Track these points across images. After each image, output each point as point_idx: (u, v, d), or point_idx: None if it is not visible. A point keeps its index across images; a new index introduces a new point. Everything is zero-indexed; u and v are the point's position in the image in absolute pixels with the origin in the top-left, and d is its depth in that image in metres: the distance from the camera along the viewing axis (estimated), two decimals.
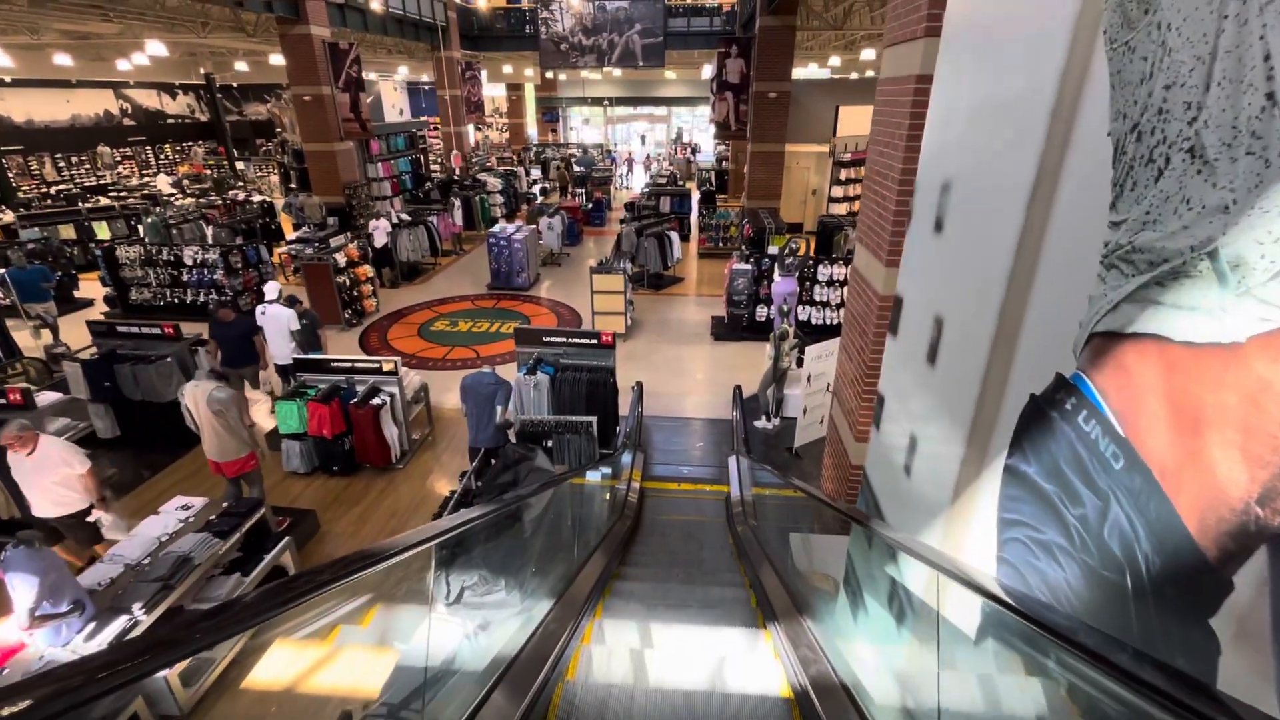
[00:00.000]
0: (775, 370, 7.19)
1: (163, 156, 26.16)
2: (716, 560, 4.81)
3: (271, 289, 7.16)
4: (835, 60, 20.20)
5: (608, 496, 4.93)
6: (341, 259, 10.56)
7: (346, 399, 6.44)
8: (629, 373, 7.98)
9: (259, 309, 7.07)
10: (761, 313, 10.22)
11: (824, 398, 7.02)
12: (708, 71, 24.33)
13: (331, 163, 15.18)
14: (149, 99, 26.31)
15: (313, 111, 14.69)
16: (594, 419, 5.24)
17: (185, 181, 22.15)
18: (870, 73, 23.03)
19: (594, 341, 6.72)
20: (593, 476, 4.79)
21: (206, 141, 28.10)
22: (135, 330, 6.99)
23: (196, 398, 4.77)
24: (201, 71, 24.44)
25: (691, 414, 8.08)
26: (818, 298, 9.91)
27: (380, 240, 12.81)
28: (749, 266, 9.78)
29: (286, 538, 4.98)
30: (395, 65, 26.09)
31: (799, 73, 18.09)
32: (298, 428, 6.42)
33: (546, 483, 3.04)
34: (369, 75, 19.17)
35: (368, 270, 11.22)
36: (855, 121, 17.14)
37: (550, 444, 5.26)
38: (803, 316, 9.93)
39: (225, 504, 4.89)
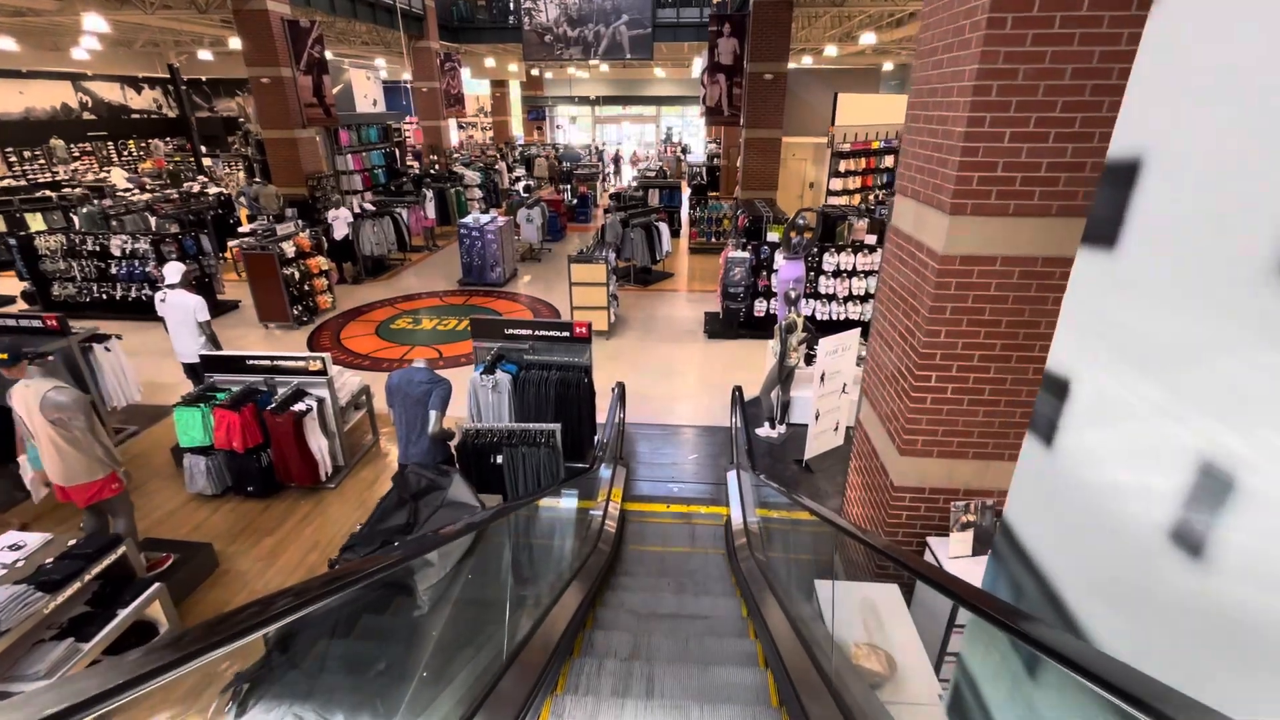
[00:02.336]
0: (781, 369, 6.11)
1: (125, 152, 24.84)
2: (718, 615, 3.69)
3: (172, 271, 6.01)
4: (831, 50, 19.32)
5: (578, 526, 3.83)
6: (290, 249, 9.39)
7: (264, 405, 5.28)
8: (612, 374, 6.87)
9: (158, 296, 5.92)
10: (760, 307, 9.15)
11: (839, 401, 5.94)
12: (697, 69, 23.41)
13: (293, 151, 14.00)
14: (111, 92, 25.04)
15: (272, 95, 13.52)
16: (557, 427, 4.13)
17: (146, 178, 20.87)
18: (870, 61, 22.21)
19: (566, 334, 5.61)
20: (556, 503, 3.67)
21: (175, 138, 26.85)
22: (12, 324, 5.80)
23: (27, 402, 3.61)
24: (167, 64, 23.18)
25: (683, 421, 6.98)
26: (823, 290, 8.85)
27: (340, 232, 11.66)
28: (746, 255, 8.72)
29: (156, 584, 3.81)
30: (371, 58, 24.96)
31: (793, 66, 17.16)
32: (202, 440, 5.25)
33: (465, 525, 1.96)
34: (338, 61, 18.09)
35: (321, 262, 10.05)
36: (855, 110, 16.24)
37: (500, 459, 4.14)
38: (805, 311, 8.87)
39: (72, 543, 3.72)
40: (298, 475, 5.39)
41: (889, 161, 17.55)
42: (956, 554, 3.31)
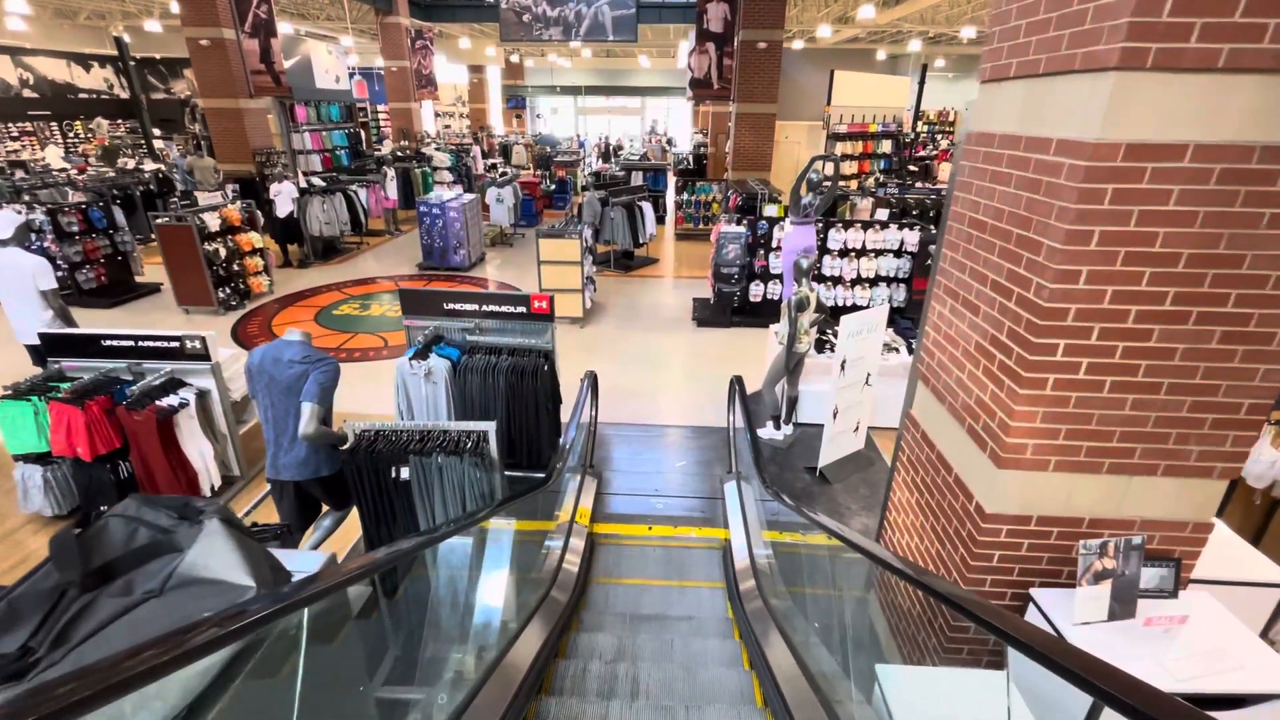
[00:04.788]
0: (789, 357, 4.98)
1: (72, 133, 23.15)
2: (723, 698, 2.52)
3: (3, 223, 4.69)
4: (825, 31, 18.34)
5: (515, 573, 2.67)
6: (214, 221, 8.09)
7: (122, 398, 4.04)
8: (585, 366, 5.69)
9: None
10: (757, 291, 8.03)
11: (862, 395, 4.83)
12: (683, 58, 22.34)
13: (237, 123, 12.64)
14: (56, 70, 23.32)
15: (213, 60, 12.16)
16: (490, 426, 2.94)
17: (91, 158, 19.27)
18: (864, 48, 21.30)
19: (521, 309, 4.44)
20: (478, 537, 2.49)
21: (128, 120, 25.15)
22: None
23: None
24: (114, 37, 21.55)
25: (668, 420, 5.83)
26: (828, 271, 7.76)
27: (284, 208, 10.34)
28: (742, 229, 7.59)
29: None
30: (336, 39, 23.52)
31: (785, 48, 16.07)
32: (37, 444, 4.00)
33: (212, 620, 0.85)
34: (296, 35, 16.74)
35: (253, 239, 8.75)
36: (853, 90, 15.27)
37: (406, 473, 2.94)
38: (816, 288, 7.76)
39: None
40: (169, 489, 4.14)
41: (887, 147, 16.63)
42: (1086, 618, 2.19)
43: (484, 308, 4.47)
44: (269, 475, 3.02)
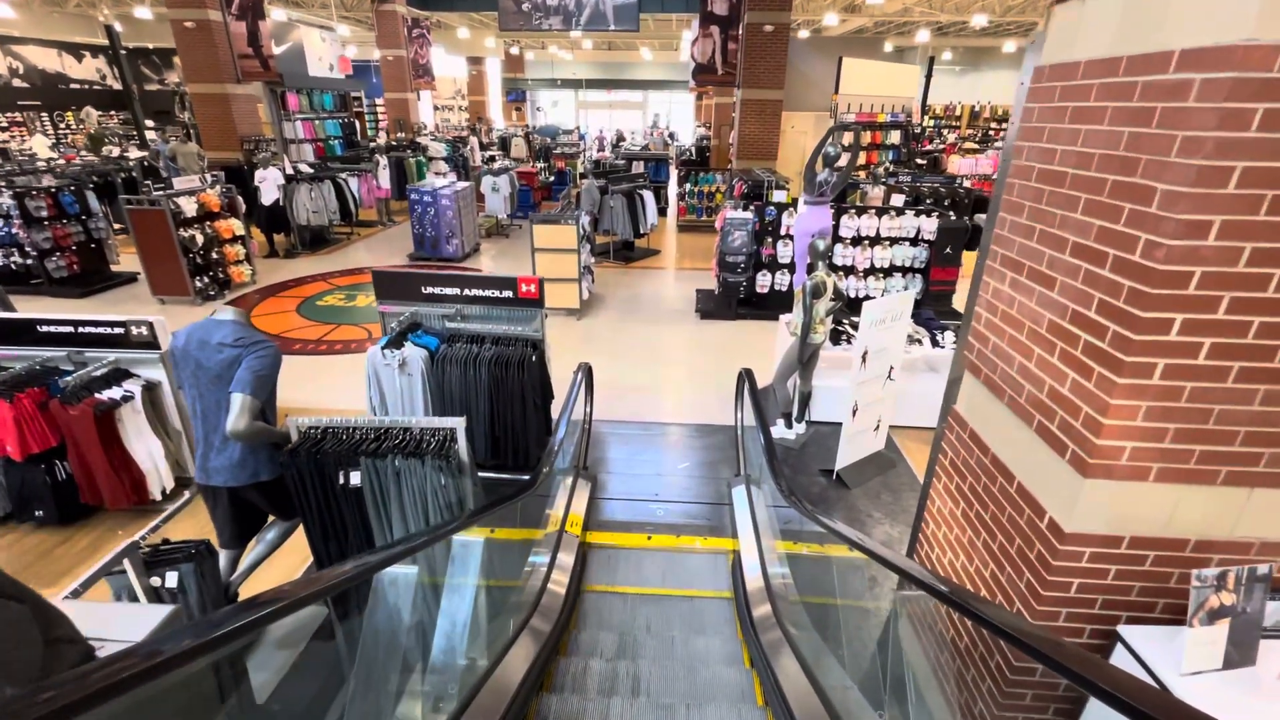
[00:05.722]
0: (803, 348, 4.53)
1: (63, 124, 22.73)
2: None
3: None
4: (832, 19, 17.84)
5: (489, 601, 2.22)
6: (190, 206, 7.65)
7: (58, 391, 3.60)
8: (582, 359, 5.25)
9: None
10: (764, 281, 7.57)
11: (884, 390, 4.39)
12: (686, 50, 21.85)
13: (224, 109, 12.21)
14: (47, 59, 22.91)
15: (198, 43, 11.73)
16: (459, 423, 2.47)
17: (82, 149, 18.84)
18: (872, 38, 20.80)
19: (508, 293, 4.00)
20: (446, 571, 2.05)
21: (122, 111, 24.70)
22: None
23: None
24: (104, 25, 21.11)
25: (670, 417, 5.39)
26: (839, 260, 7.30)
27: (270, 196, 9.90)
28: (749, 215, 7.14)
29: None
30: (331, 27, 23.02)
31: (791, 40, 15.56)
32: None
33: None
34: (289, 21, 16.25)
35: (234, 226, 8.31)
36: (861, 78, 14.78)
37: (356, 479, 2.49)
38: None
39: None
40: (112, 493, 3.71)
41: (895, 138, 16.15)
42: (1197, 666, 1.75)
43: (467, 292, 4.02)
44: (198, 479, 2.57)
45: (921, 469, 4.60)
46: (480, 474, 4.13)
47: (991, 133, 25.03)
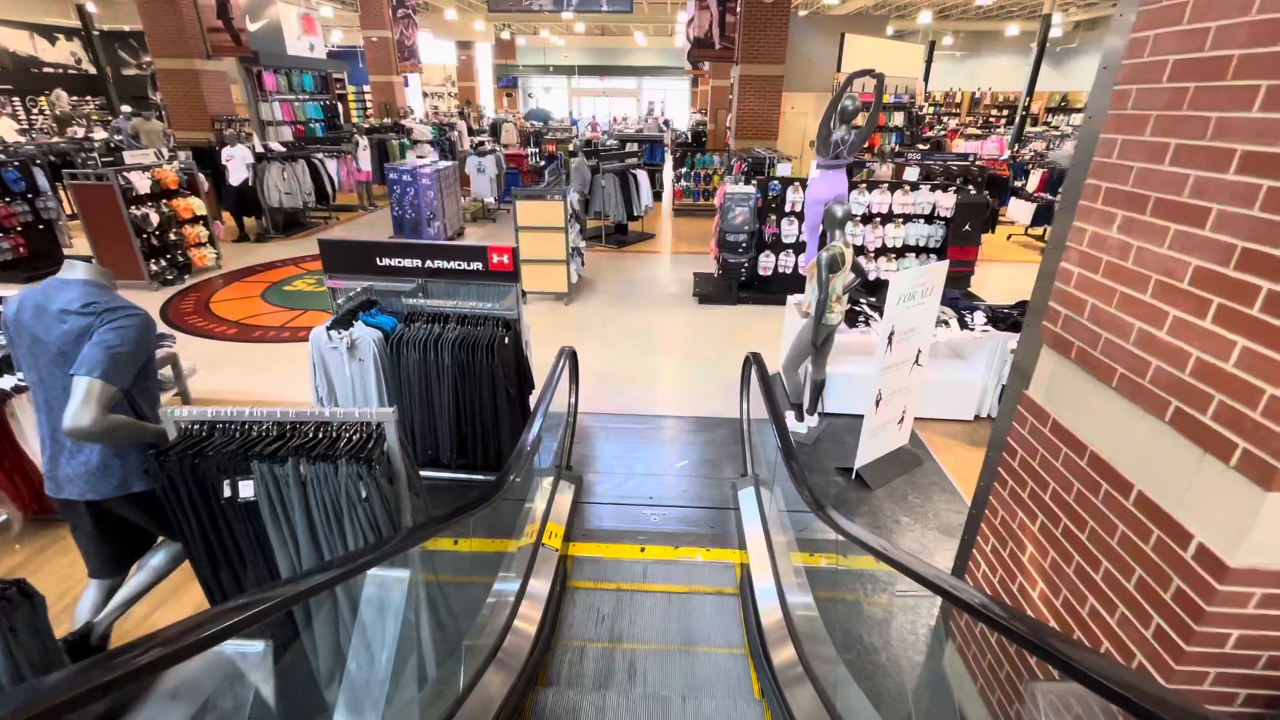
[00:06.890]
0: (817, 330, 3.98)
1: (36, 109, 21.91)
2: None
3: None
4: None
5: (415, 664, 1.67)
6: (143, 183, 7.02)
7: None
8: (570, 346, 4.67)
9: None
10: (767, 263, 7.01)
11: (911, 378, 3.84)
12: (681, 37, 21.17)
13: (193, 86, 11.51)
14: (19, 42, 22.06)
15: (163, 13, 11.03)
16: (388, 415, 1.87)
17: (52, 132, 18.11)
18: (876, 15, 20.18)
19: (477, 265, 3.42)
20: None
21: (98, 97, 23.86)
22: None
23: None
24: (75, 4, 20.29)
25: (666, 409, 4.83)
26: (849, 240, 6.72)
27: (238, 175, 9.27)
28: (751, 189, 6.56)
29: None
30: (316, 7, 22.23)
31: (791, 18, 14.87)
32: None
33: None
34: None
35: (194, 206, 7.68)
36: (865, 56, 14.17)
37: (249, 491, 1.92)
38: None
39: None
40: (12, 497, 3.13)
41: (899, 119, 15.58)
42: None
43: (430, 263, 3.44)
44: (48, 490, 2.00)
45: (951, 467, 4.07)
46: (445, 475, 3.57)
47: (992, 120, 24.54)
